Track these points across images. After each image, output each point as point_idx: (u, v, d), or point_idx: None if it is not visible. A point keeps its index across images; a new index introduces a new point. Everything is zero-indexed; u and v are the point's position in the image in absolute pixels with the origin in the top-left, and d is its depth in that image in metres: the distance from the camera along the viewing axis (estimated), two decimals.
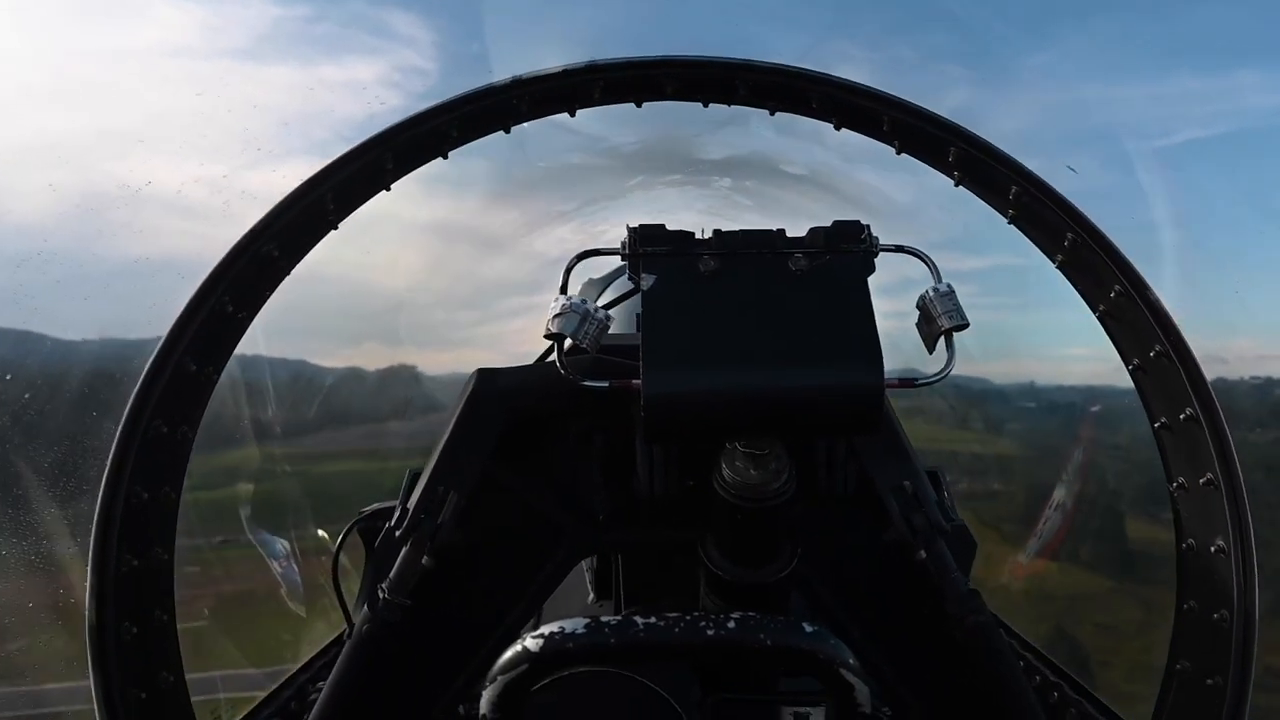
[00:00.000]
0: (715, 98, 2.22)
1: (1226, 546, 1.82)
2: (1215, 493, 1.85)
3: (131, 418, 1.86)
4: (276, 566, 4.97)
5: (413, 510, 1.74)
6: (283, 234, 1.99)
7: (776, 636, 1.38)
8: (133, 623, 1.86)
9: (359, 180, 2.06)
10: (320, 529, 5.31)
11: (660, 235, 1.49)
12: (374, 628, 1.74)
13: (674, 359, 1.37)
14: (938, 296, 1.50)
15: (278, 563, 4.98)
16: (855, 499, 1.83)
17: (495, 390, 1.80)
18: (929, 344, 1.52)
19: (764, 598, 1.65)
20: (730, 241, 1.49)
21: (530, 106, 2.15)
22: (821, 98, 2.12)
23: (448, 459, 1.76)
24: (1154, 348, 1.92)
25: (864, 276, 1.47)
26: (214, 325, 1.96)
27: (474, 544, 1.81)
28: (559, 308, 1.47)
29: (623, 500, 1.85)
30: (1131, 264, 1.94)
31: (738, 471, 1.46)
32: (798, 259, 1.46)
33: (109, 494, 1.84)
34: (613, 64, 2.11)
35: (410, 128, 2.04)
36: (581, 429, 1.87)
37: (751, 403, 1.37)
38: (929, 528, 1.72)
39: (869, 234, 1.50)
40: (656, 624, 1.39)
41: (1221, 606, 1.81)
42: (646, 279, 1.45)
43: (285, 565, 4.94)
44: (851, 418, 1.39)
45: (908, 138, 2.11)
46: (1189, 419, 1.88)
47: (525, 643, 1.38)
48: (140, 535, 1.89)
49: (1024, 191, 2.01)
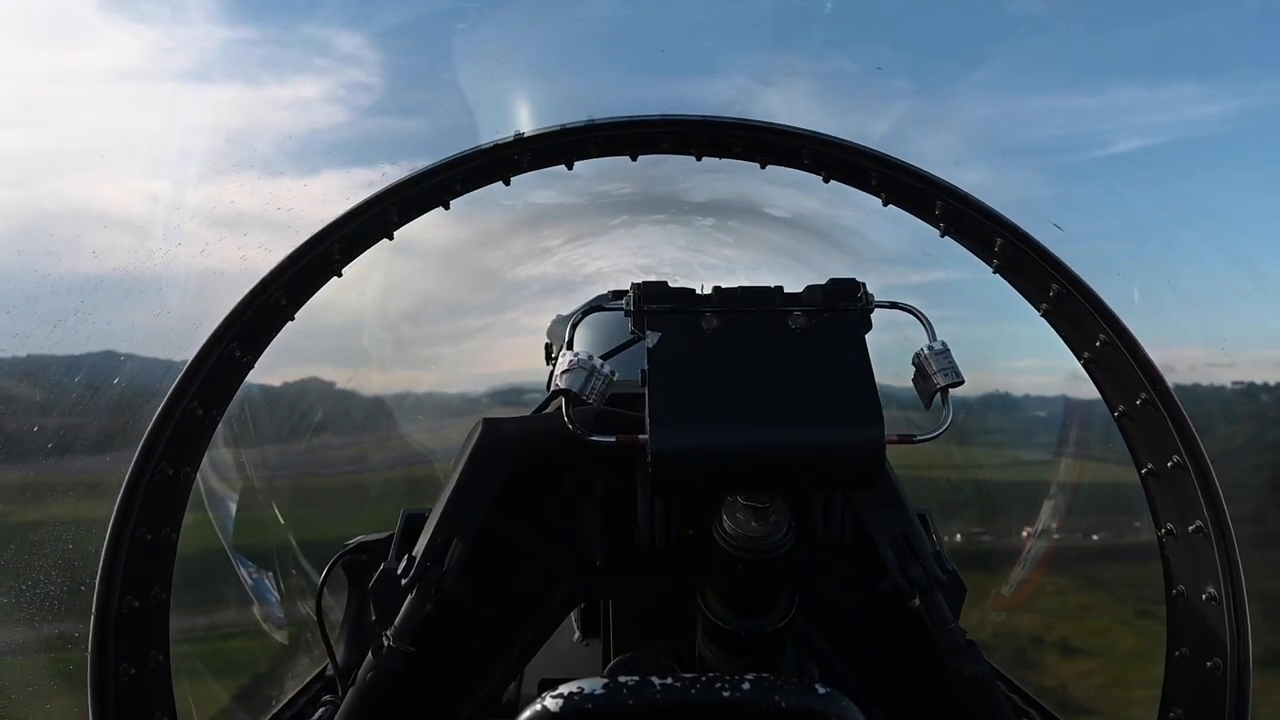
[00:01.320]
0: (709, 152, 2.29)
1: (1218, 594, 1.83)
2: (1205, 540, 1.86)
3: (141, 459, 1.92)
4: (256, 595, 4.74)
5: (419, 558, 1.73)
6: (291, 283, 2.09)
7: (790, 698, 1.39)
8: (131, 664, 1.88)
9: (366, 231, 2.16)
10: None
11: (663, 292, 1.52)
12: (378, 675, 1.73)
13: (679, 416, 1.39)
14: (932, 355, 1.53)
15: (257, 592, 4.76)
16: (852, 549, 1.84)
17: (501, 440, 1.81)
18: (925, 400, 1.55)
19: (762, 647, 1.65)
20: (730, 299, 1.51)
21: (531, 160, 2.22)
22: (812, 154, 2.19)
23: (454, 507, 1.77)
24: (1140, 396, 1.95)
25: (861, 334, 1.49)
26: (221, 371, 2.04)
27: (472, 589, 1.81)
28: (566, 364, 1.49)
29: (620, 547, 1.85)
30: (1115, 314, 1.98)
31: (738, 524, 1.46)
32: (797, 316, 1.49)
33: (115, 536, 1.87)
34: (611, 122, 2.19)
35: (418, 182, 2.13)
36: (580, 476, 1.88)
37: (756, 459, 1.39)
38: (925, 579, 1.74)
39: (865, 291, 1.53)
40: (673, 685, 1.41)
41: (1214, 654, 1.81)
42: (651, 336, 1.47)
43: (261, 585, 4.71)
44: (853, 473, 1.42)
45: (895, 192, 2.18)
46: (1176, 466, 1.91)
47: (545, 703, 1.39)
48: (142, 576, 1.93)
49: (1008, 244, 2.06)
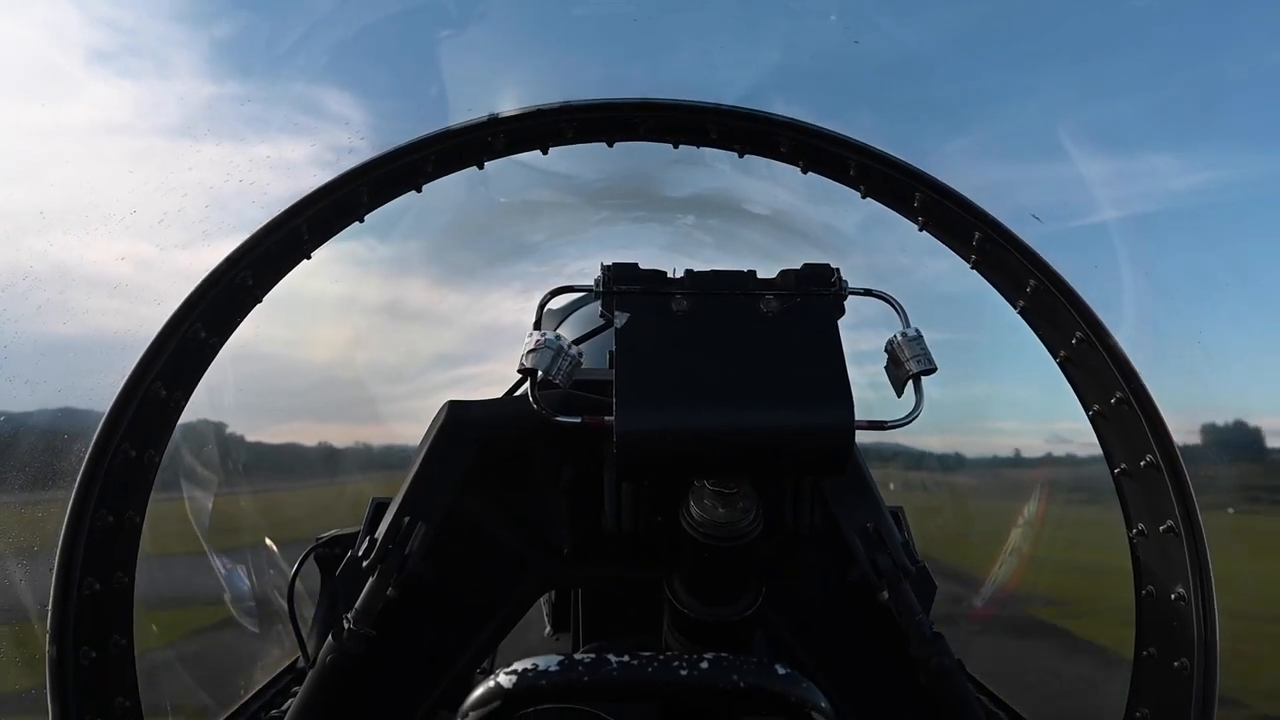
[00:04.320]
0: (686, 140, 2.25)
1: (1187, 593, 1.82)
2: (1176, 539, 1.86)
3: (102, 439, 1.87)
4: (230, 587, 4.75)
5: (380, 540, 1.70)
6: (261, 261, 2.06)
7: (749, 678, 1.36)
8: (92, 647, 1.83)
9: (335, 212, 2.11)
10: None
11: (633, 274, 1.49)
12: (337, 658, 1.70)
13: (646, 398, 1.36)
14: (906, 341, 1.51)
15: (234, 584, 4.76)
16: (821, 538, 1.82)
17: (466, 422, 1.78)
18: (898, 388, 1.52)
19: (729, 635, 1.64)
20: (702, 282, 1.49)
21: (505, 144, 2.18)
22: (790, 142, 2.16)
23: (417, 489, 1.74)
24: (1115, 394, 1.94)
25: (834, 319, 1.48)
26: (185, 351, 2.00)
27: (439, 575, 1.78)
28: (533, 343, 1.46)
29: (588, 535, 1.82)
30: (1093, 310, 1.97)
31: (706, 510, 1.46)
32: (769, 300, 1.47)
33: (75, 517, 1.83)
34: (586, 104, 2.15)
35: (388, 162, 2.08)
36: (549, 462, 1.85)
37: (723, 442, 1.37)
38: (894, 569, 1.73)
39: (838, 277, 1.51)
40: (630, 663, 1.37)
41: (1182, 654, 1.81)
42: (619, 317, 1.45)
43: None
44: (821, 458, 1.40)
45: (873, 183, 2.15)
46: (1149, 465, 1.90)
47: (499, 679, 1.36)
48: (104, 559, 1.88)
49: (987, 238, 2.04)
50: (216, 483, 4.39)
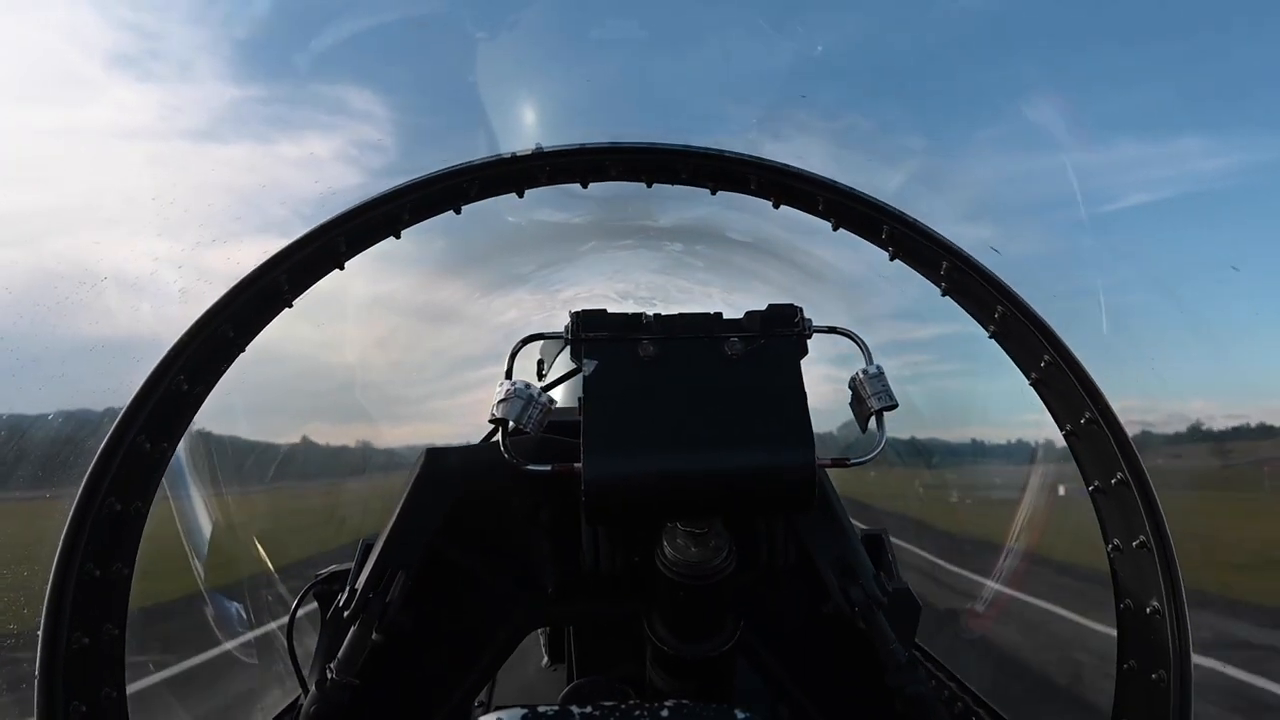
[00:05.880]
0: (658, 179, 2.32)
1: (1161, 607, 1.85)
2: (1148, 555, 1.89)
3: (86, 495, 1.85)
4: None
5: (361, 589, 1.74)
6: (238, 314, 2.03)
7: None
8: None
9: (313, 262, 2.13)
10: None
11: (602, 320, 1.52)
12: (321, 708, 1.73)
13: (613, 444, 1.39)
14: (867, 378, 1.55)
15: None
16: (796, 572, 1.86)
17: (443, 470, 1.83)
18: (861, 424, 1.56)
19: (709, 670, 1.68)
20: (669, 325, 1.52)
21: (480, 189, 2.23)
22: (760, 180, 2.22)
23: (397, 537, 1.78)
24: (1084, 414, 1.98)
25: (797, 359, 1.51)
26: (169, 404, 1.97)
27: (424, 619, 1.82)
28: (503, 393, 1.49)
29: (571, 573, 1.86)
30: (1058, 335, 2.01)
31: (679, 549, 1.49)
32: (733, 343, 1.50)
33: (61, 571, 1.81)
34: (560, 150, 2.20)
35: (365, 212, 2.11)
36: (528, 505, 1.89)
37: (688, 485, 1.40)
38: (866, 600, 1.78)
39: (801, 317, 1.54)
40: (593, 714, 1.40)
41: (1159, 666, 1.84)
42: (588, 364, 1.47)
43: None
44: (786, 497, 1.43)
45: (842, 216, 2.21)
46: (1120, 483, 1.93)
47: None
48: (92, 611, 1.86)
49: (954, 267, 2.09)
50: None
